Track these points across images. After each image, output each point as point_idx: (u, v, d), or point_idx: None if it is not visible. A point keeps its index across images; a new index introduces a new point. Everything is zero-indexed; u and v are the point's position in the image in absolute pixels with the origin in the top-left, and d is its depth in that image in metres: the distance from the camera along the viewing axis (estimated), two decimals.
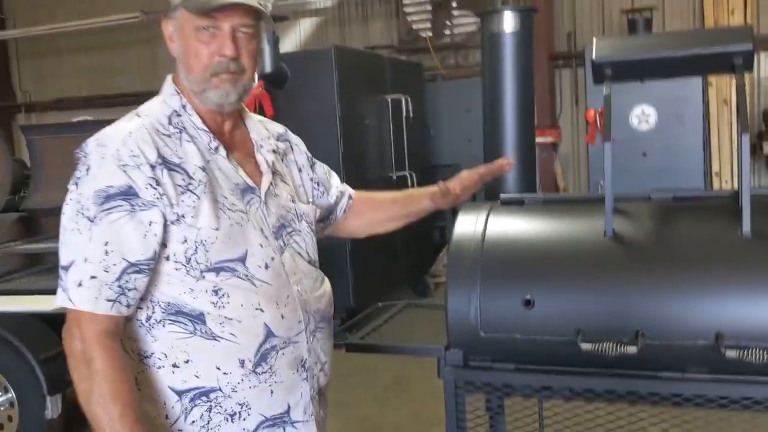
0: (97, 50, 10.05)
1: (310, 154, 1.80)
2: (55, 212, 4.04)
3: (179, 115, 1.46)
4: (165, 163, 1.37)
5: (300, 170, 1.72)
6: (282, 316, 1.44)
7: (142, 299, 1.39)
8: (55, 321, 3.39)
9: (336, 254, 5.35)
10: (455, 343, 1.86)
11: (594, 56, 1.89)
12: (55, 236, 4.16)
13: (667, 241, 1.79)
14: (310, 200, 1.72)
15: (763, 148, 6.75)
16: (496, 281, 1.82)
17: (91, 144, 1.39)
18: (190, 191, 1.37)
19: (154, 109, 1.47)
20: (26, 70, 10.66)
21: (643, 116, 6.23)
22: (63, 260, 1.35)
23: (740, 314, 1.64)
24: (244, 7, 1.41)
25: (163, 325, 1.39)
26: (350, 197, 1.88)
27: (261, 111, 5.30)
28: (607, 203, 1.80)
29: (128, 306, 1.35)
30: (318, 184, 1.77)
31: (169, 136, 1.42)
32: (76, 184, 1.38)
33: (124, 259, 1.32)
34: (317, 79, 5.37)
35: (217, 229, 1.37)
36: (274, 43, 5.16)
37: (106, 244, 1.31)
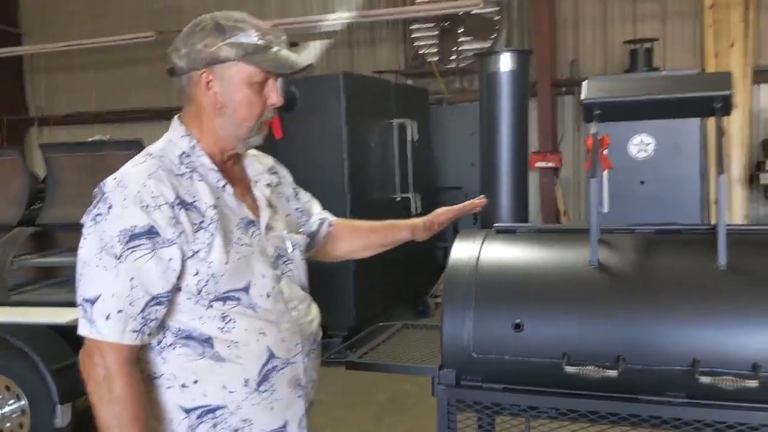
0: (109, 67, 10.24)
1: (295, 184, 1.90)
2: (70, 227, 4.18)
3: (188, 156, 1.54)
4: (182, 202, 1.46)
5: (288, 200, 1.82)
6: (282, 339, 1.56)
7: None
8: (68, 332, 3.51)
9: (339, 273, 5.47)
10: (449, 364, 1.98)
11: (583, 97, 2.02)
12: (69, 250, 4.28)
13: (649, 271, 1.91)
14: (300, 230, 1.83)
15: (761, 179, 6.86)
16: (488, 305, 1.93)
17: (111, 183, 1.47)
18: (204, 229, 1.47)
19: (165, 150, 1.55)
20: (40, 85, 10.86)
21: (642, 145, 6.34)
22: (87, 293, 1.43)
23: (715, 342, 1.75)
24: None
25: (174, 349, 1.50)
26: (330, 225, 1.98)
27: (270, 133, 5.44)
28: (592, 235, 1.92)
29: (149, 335, 1.46)
30: (302, 213, 1.88)
31: (182, 175, 1.51)
32: (95, 220, 1.45)
33: (147, 293, 1.42)
34: (325, 103, 5.53)
35: (226, 263, 1.48)
36: None
37: (131, 279, 1.41)
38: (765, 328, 1.74)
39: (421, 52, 8.54)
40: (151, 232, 1.42)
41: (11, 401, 3.59)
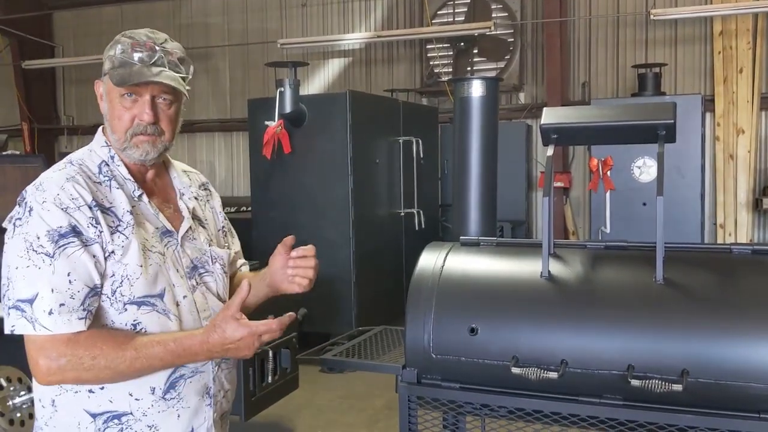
0: None
1: (225, 215, 1.95)
2: None
3: (107, 165, 1.62)
4: (98, 205, 1.53)
5: (215, 218, 1.87)
6: None
7: None
8: None
9: (341, 280, 5.67)
10: (411, 363, 2.15)
11: (542, 122, 2.20)
12: None
13: (593, 283, 2.07)
14: (225, 245, 1.86)
15: (764, 204, 6.93)
16: (447, 311, 2.11)
17: (30, 189, 1.53)
18: (119, 232, 1.54)
19: (84, 158, 1.62)
20: (71, 95, 11.29)
21: (644, 167, 6.49)
22: (22, 294, 1.45)
23: (649, 350, 1.90)
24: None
25: None
26: (240, 268, 1.94)
27: (280, 147, 5.70)
28: (544, 249, 2.08)
29: (91, 320, 1.50)
30: (224, 235, 1.91)
31: (99, 183, 1.58)
32: (15, 224, 1.50)
33: (86, 285, 1.48)
34: (332, 120, 5.76)
35: (141, 266, 1.53)
36: (295, 86, 5.58)
37: (68, 274, 1.45)
38: (694, 338, 1.89)
39: (436, 71, 8.74)
40: (75, 231, 1.48)
41: (22, 392, 3.75)
